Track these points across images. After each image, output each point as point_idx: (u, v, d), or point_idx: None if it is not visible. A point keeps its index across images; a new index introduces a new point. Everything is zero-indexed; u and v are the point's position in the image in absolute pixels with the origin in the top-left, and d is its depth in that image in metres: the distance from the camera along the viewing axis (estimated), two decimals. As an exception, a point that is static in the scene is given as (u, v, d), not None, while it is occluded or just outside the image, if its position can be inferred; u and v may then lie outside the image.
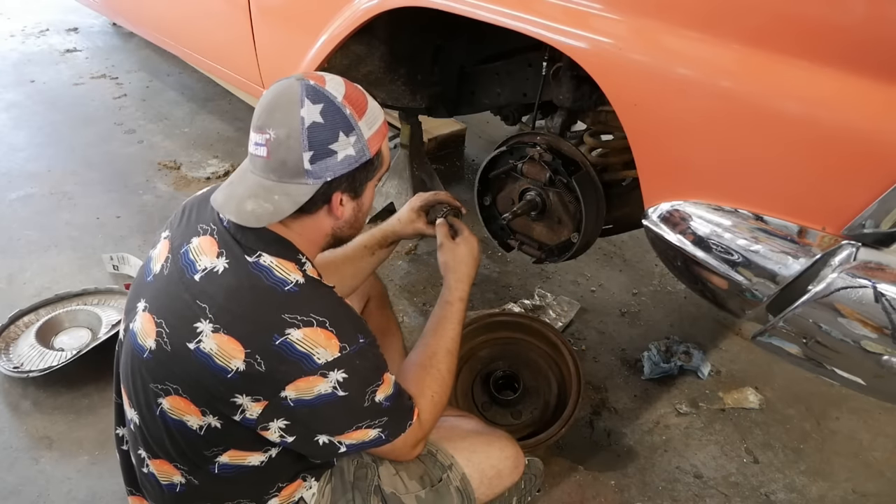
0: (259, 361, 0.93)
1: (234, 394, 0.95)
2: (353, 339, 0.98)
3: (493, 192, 1.64)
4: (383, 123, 1.03)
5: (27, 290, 2.10)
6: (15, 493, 1.52)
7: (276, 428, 0.99)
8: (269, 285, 0.97)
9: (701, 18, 1.00)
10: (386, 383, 1.04)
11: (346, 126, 0.96)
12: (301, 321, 0.94)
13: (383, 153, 1.05)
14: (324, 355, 0.94)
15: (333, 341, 0.95)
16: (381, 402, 1.02)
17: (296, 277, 0.98)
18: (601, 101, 1.46)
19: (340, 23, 1.56)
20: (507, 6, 1.23)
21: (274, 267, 0.98)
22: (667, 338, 2.03)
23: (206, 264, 1.00)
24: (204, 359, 0.95)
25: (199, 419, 1.00)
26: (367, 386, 1.00)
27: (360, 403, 1.00)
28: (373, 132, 0.99)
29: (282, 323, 0.93)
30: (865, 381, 1.00)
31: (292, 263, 1.00)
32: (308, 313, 0.95)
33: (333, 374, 0.95)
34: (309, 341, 0.94)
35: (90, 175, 2.76)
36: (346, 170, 0.97)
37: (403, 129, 2.34)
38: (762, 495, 1.62)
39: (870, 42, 0.87)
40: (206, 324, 0.95)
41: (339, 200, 1.01)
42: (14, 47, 3.98)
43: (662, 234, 1.12)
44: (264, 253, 0.99)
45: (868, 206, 0.89)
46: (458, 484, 1.18)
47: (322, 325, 0.95)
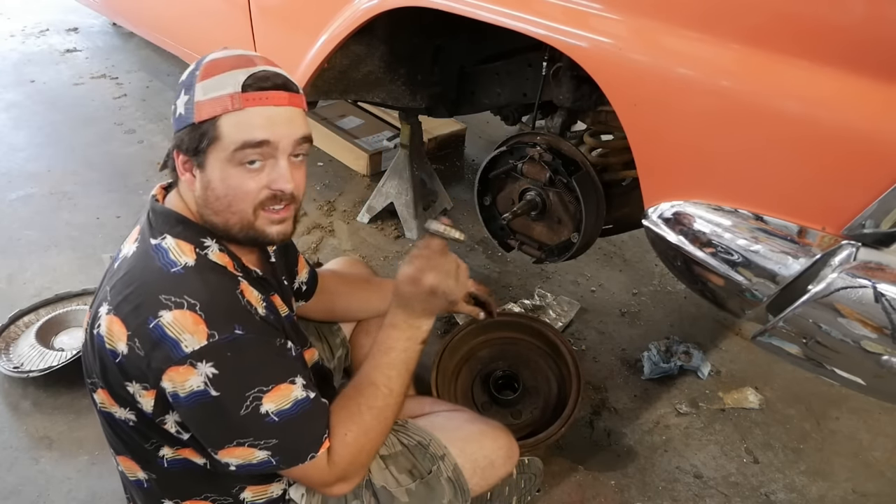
0: (138, 345, 0.90)
1: (125, 381, 0.94)
2: (227, 328, 0.90)
3: (493, 192, 1.64)
4: (230, 95, 0.91)
5: (27, 290, 2.10)
6: (15, 493, 1.52)
7: (173, 422, 0.96)
8: (159, 266, 0.94)
9: (700, 18, 1.00)
10: (279, 393, 0.93)
11: (187, 85, 0.95)
12: (174, 303, 0.89)
13: (221, 126, 0.92)
14: (191, 343, 0.88)
15: (202, 327, 0.89)
16: (265, 415, 0.92)
17: (186, 260, 0.95)
18: (601, 101, 1.46)
19: (340, 23, 1.56)
20: (507, 6, 1.23)
21: (171, 248, 0.96)
22: (667, 338, 2.03)
23: (125, 251, 1.01)
24: (100, 343, 0.94)
25: (120, 412, 1.00)
26: (246, 389, 0.91)
27: (237, 411, 0.90)
28: (207, 98, 0.92)
29: (157, 304, 0.89)
30: (865, 381, 1.00)
31: (191, 246, 0.97)
32: (182, 295, 0.90)
33: (202, 366, 0.88)
34: (178, 325, 0.88)
35: (90, 175, 2.76)
36: (177, 126, 0.96)
37: (403, 129, 2.34)
38: (762, 495, 1.62)
39: (870, 42, 0.87)
40: (105, 306, 0.94)
41: (179, 160, 0.97)
42: (14, 47, 3.98)
43: (662, 234, 1.12)
44: (168, 235, 0.97)
45: (868, 206, 0.89)
46: (449, 474, 1.17)
47: (192, 308, 0.89)
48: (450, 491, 1.17)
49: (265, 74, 0.95)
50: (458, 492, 1.17)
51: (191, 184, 0.98)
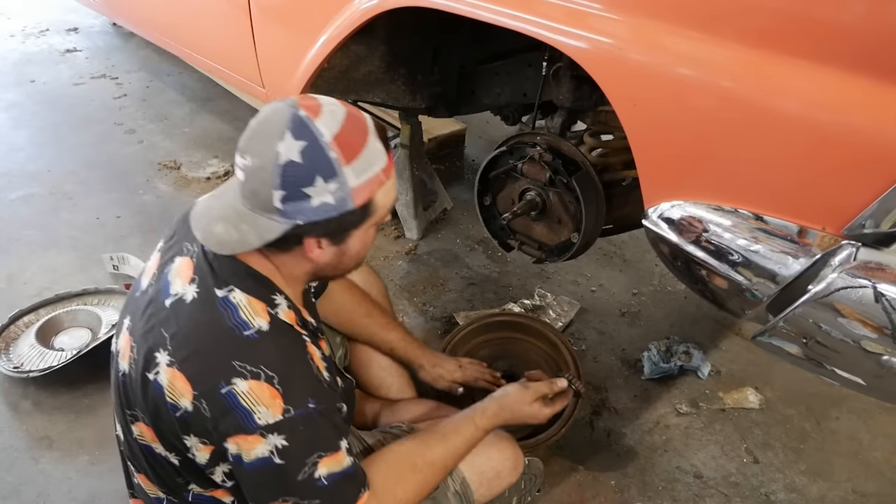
0: (205, 407, 0.89)
1: (183, 433, 0.93)
2: (302, 402, 0.90)
3: (493, 192, 1.64)
4: (382, 170, 0.91)
5: (27, 290, 2.10)
6: (15, 492, 1.52)
7: (220, 472, 0.97)
8: (230, 326, 0.91)
9: (701, 18, 1.00)
10: (335, 458, 0.93)
11: (328, 171, 0.86)
12: (249, 372, 0.88)
13: (376, 202, 0.92)
14: (265, 416, 0.87)
15: (278, 401, 0.88)
16: (318, 479, 0.92)
17: (260, 323, 0.92)
18: (601, 101, 1.46)
19: (340, 23, 1.56)
20: (507, 6, 1.23)
21: (241, 306, 0.92)
22: (667, 338, 2.03)
23: (178, 290, 0.96)
24: (159, 391, 0.93)
25: (163, 450, 1.00)
26: (309, 456, 0.91)
27: (294, 476, 0.91)
28: (362, 181, 0.88)
29: (231, 370, 0.88)
30: (865, 381, 1.00)
31: (263, 304, 0.94)
32: (259, 364, 0.88)
33: (273, 437, 0.88)
34: (253, 396, 0.87)
35: (90, 175, 2.76)
36: (321, 217, 0.88)
37: (403, 129, 2.34)
38: (762, 495, 1.62)
39: (870, 42, 0.87)
40: (164, 355, 0.92)
41: (314, 245, 0.93)
42: (14, 47, 3.98)
43: (662, 234, 1.12)
44: (237, 288, 0.93)
45: (868, 206, 0.89)
46: (456, 488, 1.17)
47: (269, 381, 0.88)
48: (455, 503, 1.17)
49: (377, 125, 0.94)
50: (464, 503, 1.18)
51: (315, 257, 0.95)
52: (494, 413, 1.17)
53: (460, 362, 1.51)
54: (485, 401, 1.20)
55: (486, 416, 1.17)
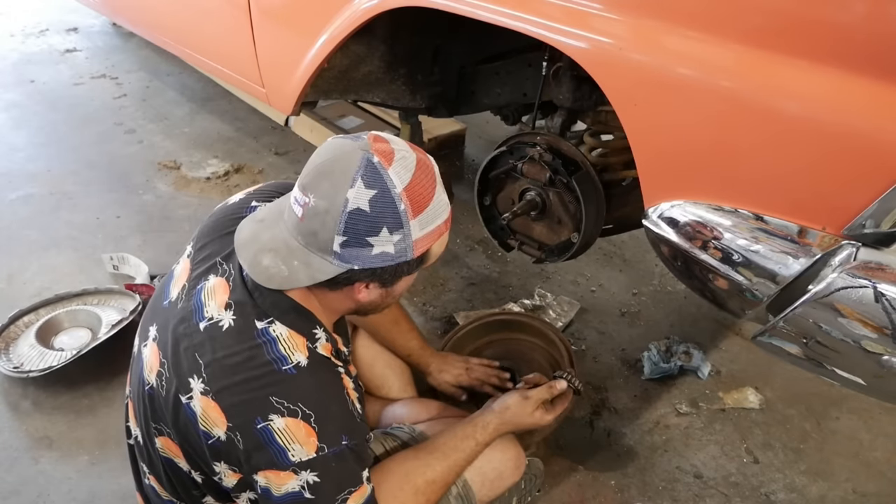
0: (238, 439, 0.90)
1: (214, 460, 0.94)
2: (336, 440, 0.91)
3: (493, 192, 1.64)
4: (444, 221, 0.92)
5: (27, 290, 2.10)
6: (15, 492, 1.52)
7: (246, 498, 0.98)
8: (268, 360, 0.91)
9: (701, 18, 1.00)
10: (361, 492, 0.94)
11: (395, 223, 0.86)
12: (287, 409, 0.88)
13: (433, 251, 0.94)
14: (299, 453, 0.89)
15: (312, 440, 0.89)
16: None
17: (299, 358, 0.92)
18: (601, 101, 1.46)
19: (340, 23, 1.56)
20: (507, 6, 1.23)
21: (281, 340, 0.92)
22: (667, 338, 2.03)
23: (213, 314, 0.95)
24: (191, 417, 0.93)
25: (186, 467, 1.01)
26: (339, 493, 0.92)
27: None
28: (425, 233, 0.89)
29: (268, 406, 0.88)
30: (865, 381, 1.00)
31: (303, 339, 0.94)
32: (296, 402, 0.89)
33: (305, 474, 0.89)
34: (289, 433, 0.88)
35: (90, 175, 2.76)
36: (377, 265, 0.89)
37: (403, 129, 2.33)
38: (762, 495, 1.62)
39: (870, 42, 0.87)
40: (199, 382, 0.92)
41: (362, 287, 0.94)
42: (14, 47, 3.97)
43: (662, 233, 1.12)
44: (277, 321, 0.93)
45: (868, 206, 0.89)
46: (459, 490, 1.17)
47: (307, 420, 0.89)
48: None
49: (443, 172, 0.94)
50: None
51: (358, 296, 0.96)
52: (496, 428, 1.18)
53: (468, 363, 1.51)
54: (485, 414, 1.20)
55: (488, 431, 1.17)
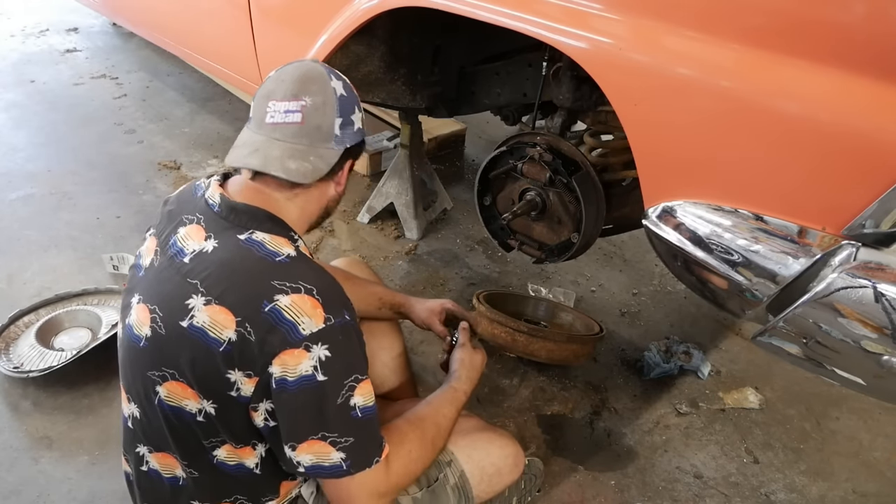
0: (249, 330, 0.93)
1: (227, 369, 0.95)
2: (340, 312, 0.97)
3: (493, 192, 1.64)
4: None
5: (27, 290, 2.09)
6: (15, 492, 1.52)
7: (263, 409, 0.97)
8: (261, 256, 0.98)
9: (701, 18, 1.00)
10: (366, 387, 0.99)
11: (357, 102, 1.10)
12: (290, 287, 0.94)
13: None
14: (309, 325, 0.93)
15: (319, 311, 0.94)
16: (353, 408, 0.97)
17: (287, 251, 1.00)
18: (601, 101, 1.46)
19: (340, 23, 1.56)
20: (507, 6, 1.23)
21: (266, 241, 1.00)
22: (667, 338, 2.03)
23: (195, 247, 1.02)
24: (198, 334, 0.95)
25: (196, 403, 1.00)
26: (348, 375, 0.96)
27: (334, 399, 0.95)
28: None
29: (271, 289, 0.94)
30: (865, 381, 1.00)
31: (285, 239, 1.02)
32: (297, 280, 0.95)
33: (317, 348, 0.93)
34: (296, 308, 0.93)
35: (90, 175, 2.76)
36: (356, 140, 1.08)
37: (403, 129, 2.34)
38: (762, 495, 1.62)
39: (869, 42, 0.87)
40: (198, 298, 0.96)
41: (348, 167, 1.11)
42: (14, 47, 3.97)
43: (662, 234, 1.12)
44: (257, 230, 1.01)
45: (868, 206, 0.90)
46: (455, 481, 1.17)
47: (310, 293, 0.95)
48: (454, 499, 1.17)
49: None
50: (463, 498, 1.18)
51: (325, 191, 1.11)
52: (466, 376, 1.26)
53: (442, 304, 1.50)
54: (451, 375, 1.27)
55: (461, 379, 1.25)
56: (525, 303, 1.98)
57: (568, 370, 1.92)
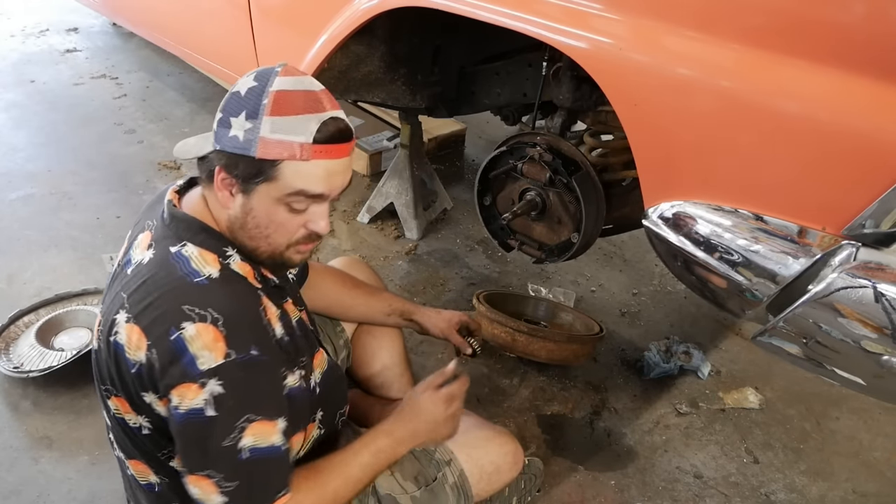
0: (155, 357, 0.89)
1: (141, 391, 0.93)
2: (244, 347, 0.90)
3: (493, 192, 1.64)
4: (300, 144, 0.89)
5: (27, 290, 2.09)
6: (15, 492, 1.52)
7: None
8: (181, 274, 0.93)
9: (701, 18, 1.00)
10: (265, 427, 0.91)
11: (253, 111, 0.91)
12: (198, 315, 0.89)
13: (282, 170, 0.91)
14: (207, 360, 0.87)
15: (221, 344, 0.88)
16: (241, 451, 0.89)
17: (210, 270, 0.94)
18: (601, 101, 1.46)
19: (340, 23, 1.56)
20: (507, 6, 1.23)
21: (193, 257, 0.95)
22: (667, 338, 2.03)
23: (138, 257, 0.99)
24: (120, 351, 0.94)
25: (135, 418, 0.99)
26: (241, 414, 0.89)
27: (221, 438, 0.88)
28: (274, 138, 0.89)
29: (181, 315, 0.89)
30: (865, 381, 1.00)
31: (214, 255, 0.97)
32: (207, 307, 0.89)
33: (211, 384, 0.87)
34: (199, 340, 0.88)
35: (90, 175, 2.76)
36: (227, 148, 0.92)
37: (403, 129, 2.34)
38: (762, 495, 1.62)
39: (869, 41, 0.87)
40: (123, 314, 0.93)
41: (220, 176, 0.95)
42: (14, 47, 3.97)
43: (662, 234, 1.12)
44: (189, 243, 0.97)
45: (868, 206, 0.90)
46: (455, 480, 1.17)
47: (215, 323, 0.89)
48: (454, 497, 1.17)
49: (333, 124, 0.92)
50: (462, 497, 1.18)
51: (227, 201, 0.97)
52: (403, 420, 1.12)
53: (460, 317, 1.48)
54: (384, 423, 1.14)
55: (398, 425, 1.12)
56: (525, 303, 1.99)
57: (568, 370, 1.92)
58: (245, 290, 0.98)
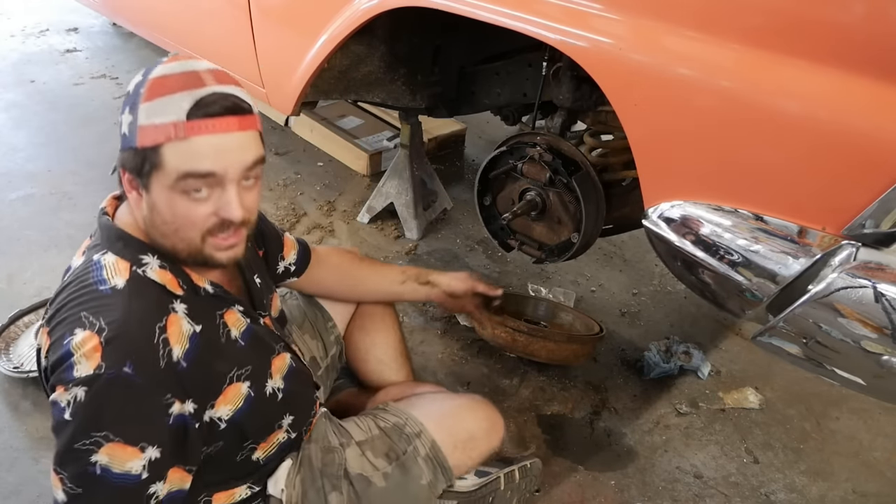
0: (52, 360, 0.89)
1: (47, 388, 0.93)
2: (118, 363, 0.86)
3: (493, 192, 1.64)
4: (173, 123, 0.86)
5: (27, 290, 2.09)
6: (15, 492, 1.52)
7: None
8: (92, 282, 0.92)
9: (701, 18, 1.00)
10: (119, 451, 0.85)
11: (133, 103, 0.90)
12: (90, 322, 0.87)
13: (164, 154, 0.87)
14: (82, 370, 0.85)
15: (97, 355, 0.85)
16: (93, 463, 0.85)
17: (118, 280, 0.92)
18: (601, 101, 1.46)
19: (340, 23, 1.56)
20: (506, 6, 1.23)
21: (107, 266, 0.93)
22: (667, 338, 2.03)
23: (74, 263, 1.00)
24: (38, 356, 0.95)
25: None
26: (100, 428, 0.85)
27: (73, 442, 0.85)
28: (150, 123, 0.87)
29: (77, 321, 0.87)
30: (865, 381, 1.00)
31: (128, 263, 0.94)
32: (100, 316, 0.87)
33: (75, 390, 0.84)
34: (82, 347, 0.86)
35: (90, 175, 2.76)
36: (122, 147, 0.92)
37: (403, 129, 2.34)
38: (762, 495, 1.62)
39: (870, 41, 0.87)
40: (42, 322, 0.95)
41: (125, 177, 0.94)
42: (14, 47, 3.97)
43: (662, 234, 1.12)
44: (109, 251, 0.95)
45: (868, 206, 0.90)
46: (427, 452, 1.15)
47: (99, 333, 0.86)
48: (428, 470, 1.15)
49: (213, 98, 0.88)
50: (438, 469, 1.16)
51: (137, 202, 0.94)
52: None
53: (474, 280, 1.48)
54: None
55: None
56: (525, 303, 1.99)
57: (568, 370, 1.92)
58: (148, 303, 0.93)
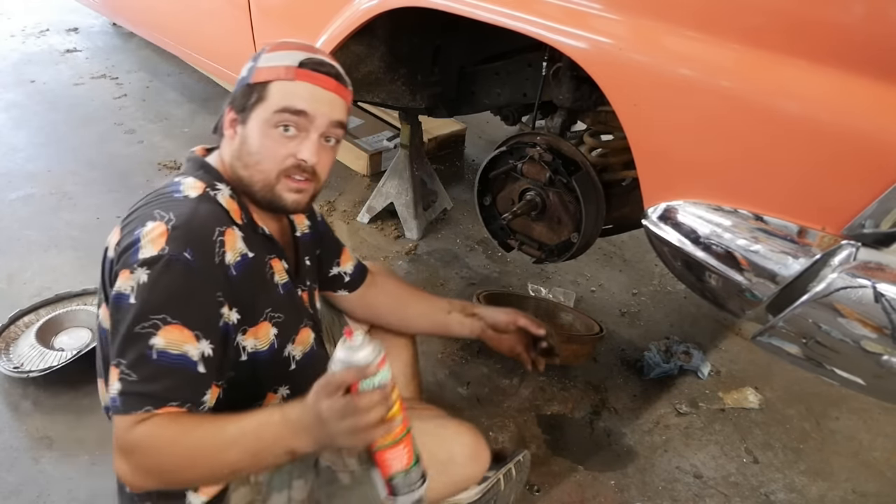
0: (119, 249, 0.97)
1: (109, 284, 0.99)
2: (180, 248, 0.93)
3: (493, 192, 1.64)
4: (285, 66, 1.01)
5: (27, 290, 2.09)
6: (15, 492, 1.52)
7: None
8: (168, 192, 1.04)
9: (701, 18, 1.00)
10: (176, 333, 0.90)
11: (256, 56, 1.06)
12: (160, 215, 0.97)
13: (270, 90, 1.01)
14: (147, 251, 0.93)
15: (162, 240, 0.94)
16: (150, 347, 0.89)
17: (192, 193, 1.03)
18: (601, 101, 1.46)
19: (340, 23, 1.56)
20: (506, 6, 1.23)
21: (185, 184, 1.04)
22: (667, 338, 2.03)
23: None
24: (105, 254, 1.03)
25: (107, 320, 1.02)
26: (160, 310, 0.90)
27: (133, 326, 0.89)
28: (267, 66, 1.03)
29: (149, 216, 0.97)
30: (865, 381, 1.00)
31: (203, 184, 1.04)
32: (170, 210, 0.98)
33: (139, 272, 0.92)
34: (149, 234, 0.95)
35: (90, 175, 2.76)
36: (234, 88, 1.07)
37: (403, 129, 2.34)
38: (762, 495, 1.62)
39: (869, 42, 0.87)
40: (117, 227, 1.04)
41: (229, 117, 1.06)
42: (14, 47, 3.97)
43: (662, 234, 1.12)
44: (189, 175, 1.07)
45: (868, 206, 0.90)
46: None
47: (167, 223, 0.96)
48: None
49: (322, 61, 1.04)
50: None
51: (231, 138, 1.06)
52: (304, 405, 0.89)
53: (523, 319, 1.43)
54: None
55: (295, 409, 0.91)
56: (525, 303, 1.99)
57: (568, 370, 1.92)
58: (215, 212, 1.02)
